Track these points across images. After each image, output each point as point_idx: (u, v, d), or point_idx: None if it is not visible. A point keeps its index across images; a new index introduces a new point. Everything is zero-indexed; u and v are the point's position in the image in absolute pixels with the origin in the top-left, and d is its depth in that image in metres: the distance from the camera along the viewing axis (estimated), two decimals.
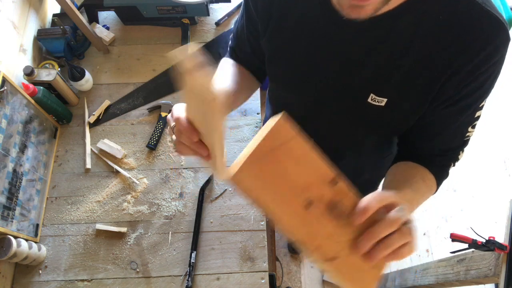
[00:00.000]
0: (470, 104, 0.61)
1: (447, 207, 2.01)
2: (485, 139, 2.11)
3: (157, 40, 1.43)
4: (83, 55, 1.41)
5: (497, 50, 0.54)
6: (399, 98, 0.62)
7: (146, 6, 1.37)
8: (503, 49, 0.55)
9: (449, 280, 1.14)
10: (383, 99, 0.62)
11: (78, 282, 1.07)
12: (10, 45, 1.17)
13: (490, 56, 0.54)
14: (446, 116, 0.63)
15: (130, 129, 1.29)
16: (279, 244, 1.91)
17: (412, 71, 0.58)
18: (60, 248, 1.11)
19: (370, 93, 0.62)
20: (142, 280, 1.07)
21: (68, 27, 1.32)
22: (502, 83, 2.43)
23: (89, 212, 1.16)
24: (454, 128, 0.65)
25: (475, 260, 1.03)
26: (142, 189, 1.19)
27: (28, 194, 1.09)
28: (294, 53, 0.67)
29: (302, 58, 0.67)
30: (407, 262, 1.91)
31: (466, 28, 0.53)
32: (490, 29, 0.53)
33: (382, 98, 0.62)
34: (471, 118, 0.64)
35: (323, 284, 1.85)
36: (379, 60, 0.59)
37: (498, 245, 0.89)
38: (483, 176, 2.07)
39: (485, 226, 1.94)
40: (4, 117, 1.01)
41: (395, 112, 0.64)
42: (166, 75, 1.37)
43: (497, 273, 0.92)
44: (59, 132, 1.27)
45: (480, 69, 0.55)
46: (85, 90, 1.34)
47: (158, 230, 1.13)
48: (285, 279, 1.84)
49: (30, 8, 1.31)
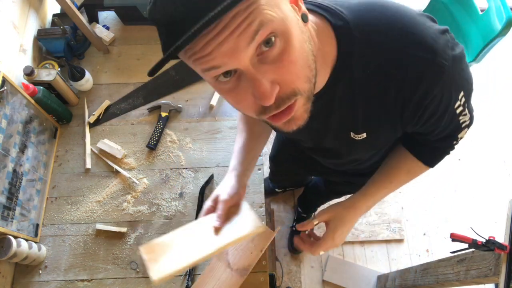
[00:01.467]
0: (441, 115, 0.62)
1: (447, 207, 2.01)
2: (485, 139, 2.11)
3: (157, 40, 1.41)
4: (83, 55, 1.41)
5: (432, 85, 0.55)
6: (375, 132, 0.67)
7: (146, 6, 1.36)
8: (439, 80, 0.54)
9: (449, 280, 1.14)
10: (362, 135, 0.68)
11: (78, 282, 1.07)
12: (10, 45, 1.17)
13: (426, 92, 0.55)
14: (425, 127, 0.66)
15: (130, 129, 1.29)
16: (279, 244, 1.91)
17: (371, 116, 0.62)
18: (60, 248, 1.11)
19: (350, 132, 0.68)
20: (142, 280, 1.07)
21: (68, 27, 1.32)
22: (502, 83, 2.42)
23: (89, 212, 1.16)
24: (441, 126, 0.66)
25: (475, 260, 1.03)
26: (142, 189, 1.19)
27: (28, 194, 1.09)
28: None
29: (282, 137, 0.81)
30: (407, 262, 1.91)
31: (392, 75, 0.55)
32: (415, 71, 0.53)
33: (361, 134, 0.68)
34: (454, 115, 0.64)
35: (323, 284, 1.85)
36: (340, 113, 0.64)
37: (498, 245, 0.89)
38: (483, 176, 2.07)
39: (485, 226, 1.95)
40: (4, 117, 1.01)
41: (378, 140, 0.70)
42: (166, 75, 1.37)
43: (497, 273, 0.92)
44: (59, 132, 1.27)
45: (424, 102, 0.57)
46: (85, 90, 1.34)
47: (158, 230, 1.13)
48: (285, 279, 1.84)
49: (30, 8, 1.31)
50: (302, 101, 0.49)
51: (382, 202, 1.97)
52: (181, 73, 1.36)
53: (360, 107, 0.61)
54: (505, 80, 2.29)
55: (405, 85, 0.55)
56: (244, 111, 0.51)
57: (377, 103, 0.59)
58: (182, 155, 1.23)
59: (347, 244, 1.94)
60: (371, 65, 0.55)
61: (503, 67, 2.33)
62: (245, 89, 0.47)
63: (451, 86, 0.57)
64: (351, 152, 0.78)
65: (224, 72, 0.45)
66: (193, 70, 0.51)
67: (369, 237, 1.94)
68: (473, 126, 0.71)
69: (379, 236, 1.95)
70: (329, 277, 1.84)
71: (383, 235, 1.95)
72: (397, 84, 0.55)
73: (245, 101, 0.49)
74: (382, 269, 1.89)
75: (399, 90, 0.56)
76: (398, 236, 1.95)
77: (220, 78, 0.47)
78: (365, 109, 0.61)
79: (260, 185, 1.18)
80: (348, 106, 0.62)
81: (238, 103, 0.50)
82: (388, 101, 0.58)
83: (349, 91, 0.59)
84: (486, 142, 2.11)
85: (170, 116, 1.29)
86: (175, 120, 1.29)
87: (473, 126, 0.71)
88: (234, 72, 0.46)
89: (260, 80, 0.44)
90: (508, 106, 2.22)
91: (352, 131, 0.67)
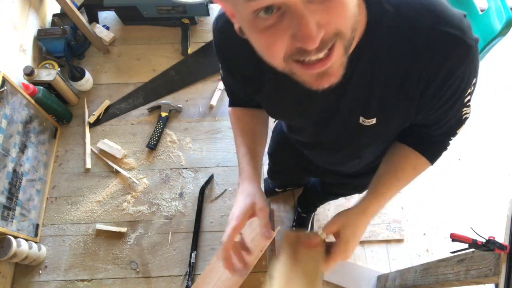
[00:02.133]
0: (455, 102, 0.62)
1: (447, 207, 2.01)
2: (485, 139, 2.11)
3: (157, 40, 1.43)
4: (83, 55, 1.41)
5: (458, 64, 0.55)
6: (387, 117, 0.65)
7: (146, 6, 1.37)
8: (465, 59, 0.55)
9: (449, 280, 1.14)
10: (372, 120, 0.66)
11: (78, 282, 1.07)
12: (10, 45, 1.17)
13: (452, 70, 0.55)
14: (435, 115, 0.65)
15: (130, 129, 1.29)
16: (279, 244, 1.91)
17: (387, 98, 0.61)
18: (60, 248, 1.11)
19: (360, 116, 0.66)
20: (142, 280, 1.07)
21: (68, 27, 1.32)
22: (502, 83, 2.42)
23: (89, 212, 1.16)
24: (447, 117, 0.67)
25: (475, 260, 1.03)
26: (142, 189, 1.19)
27: (28, 194, 1.09)
28: (283, 107, 0.72)
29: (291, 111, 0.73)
30: (407, 262, 1.91)
31: (419, 50, 0.55)
32: (443, 48, 0.54)
33: (371, 119, 0.66)
34: (461, 104, 0.64)
35: (323, 284, 1.85)
36: (354, 94, 0.62)
37: (498, 245, 0.89)
38: (483, 176, 2.07)
39: (485, 226, 1.94)
40: (4, 117, 1.01)
41: (386, 127, 0.68)
42: (166, 75, 1.37)
43: (497, 273, 0.92)
44: (59, 132, 1.27)
45: (447, 81, 0.57)
46: (85, 90, 1.34)
47: (158, 230, 1.13)
48: None
49: (30, 8, 1.31)
50: (341, 49, 0.47)
51: None
52: (181, 73, 1.36)
53: (377, 87, 0.60)
54: (505, 80, 2.29)
55: (431, 63, 0.55)
56: (272, 55, 0.48)
57: (397, 84, 0.58)
58: (182, 155, 1.23)
59: None
60: (399, 40, 0.55)
61: (503, 67, 2.33)
62: (284, 28, 0.44)
63: (471, 69, 0.58)
64: (352, 142, 0.76)
65: (267, 6, 0.43)
66: (193, 70, 0.50)
67: (369, 237, 1.93)
68: (473, 126, 0.72)
69: (379, 236, 1.94)
70: (329, 277, 1.84)
71: (383, 235, 1.95)
72: (423, 61, 0.55)
73: (279, 43, 0.46)
74: (382, 269, 1.88)
75: (425, 68, 0.55)
76: (398, 236, 1.94)
77: (260, 14, 0.44)
78: (383, 89, 0.60)
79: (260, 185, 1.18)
80: (365, 86, 0.60)
81: (270, 45, 0.47)
82: (410, 80, 0.57)
83: (370, 68, 0.58)
84: (486, 142, 2.11)
85: (170, 116, 1.29)
86: (175, 120, 1.29)
87: (473, 126, 0.71)
88: (278, 9, 0.44)
89: (308, 19, 0.42)
90: (508, 106, 2.22)
91: (362, 115, 0.65)
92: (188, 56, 1.38)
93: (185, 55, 1.38)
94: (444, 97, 0.60)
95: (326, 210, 2.00)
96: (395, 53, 0.56)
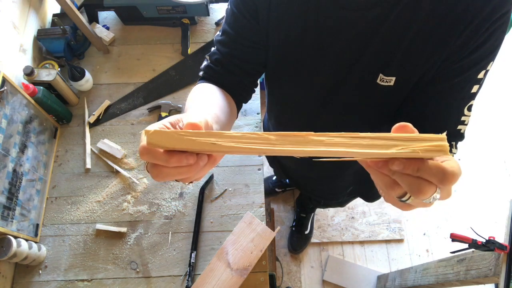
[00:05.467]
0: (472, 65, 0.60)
1: (447, 207, 2.01)
2: (485, 139, 2.11)
3: (157, 40, 1.43)
4: (83, 55, 1.41)
5: (503, 2, 0.55)
6: (408, 73, 0.63)
7: (146, 6, 1.37)
8: (509, 5, 0.55)
9: (449, 280, 1.14)
10: (391, 78, 0.63)
11: (78, 282, 1.07)
12: (10, 45, 1.17)
13: (497, 7, 0.55)
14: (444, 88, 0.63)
15: (130, 129, 1.29)
16: (279, 244, 1.91)
17: (414, 51, 0.59)
18: (60, 248, 1.11)
19: (379, 73, 0.63)
20: (142, 280, 1.07)
21: (68, 27, 1.32)
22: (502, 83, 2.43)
23: (89, 212, 1.16)
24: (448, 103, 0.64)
25: (475, 260, 1.03)
26: (142, 189, 1.19)
27: (28, 194, 1.09)
28: (301, 41, 0.67)
29: (309, 45, 0.67)
30: (407, 262, 1.91)
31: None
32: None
33: (391, 77, 0.63)
34: (467, 93, 0.63)
35: (323, 284, 1.85)
36: (383, 37, 0.60)
37: (498, 245, 0.89)
38: (483, 176, 2.07)
39: (485, 226, 1.95)
40: (4, 117, 1.01)
41: (403, 90, 0.65)
42: (166, 75, 1.37)
43: (497, 273, 0.92)
44: (59, 132, 1.27)
45: (487, 22, 0.56)
46: (85, 90, 1.34)
47: (158, 230, 1.13)
48: (285, 279, 1.84)
49: (30, 8, 1.31)
50: None
51: (382, 202, 1.97)
52: (181, 73, 1.36)
53: (407, 39, 0.58)
54: (505, 80, 2.29)
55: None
56: None
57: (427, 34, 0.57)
58: None
59: (347, 244, 1.94)
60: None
61: (503, 67, 2.33)
62: None
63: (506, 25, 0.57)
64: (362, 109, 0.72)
65: None
66: (193, 70, 0.49)
67: (369, 237, 1.94)
68: (473, 126, 0.72)
69: (379, 236, 1.95)
70: (329, 277, 1.84)
71: (383, 235, 1.95)
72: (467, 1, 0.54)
73: None
74: (382, 269, 1.89)
75: (471, 3, 0.55)
76: (398, 236, 1.95)
77: None
78: (415, 37, 0.58)
79: (260, 185, 1.18)
80: (394, 35, 0.59)
81: None
82: (454, 14, 0.56)
83: (406, 14, 0.57)
84: (486, 142, 2.11)
85: (170, 116, 1.29)
86: None
87: (473, 126, 0.71)
88: None
89: None
90: (508, 106, 2.22)
91: (382, 71, 0.63)
92: (188, 56, 1.38)
93: (185, 55, 1.38)
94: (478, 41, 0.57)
95: (326, 210, 2.01)
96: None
